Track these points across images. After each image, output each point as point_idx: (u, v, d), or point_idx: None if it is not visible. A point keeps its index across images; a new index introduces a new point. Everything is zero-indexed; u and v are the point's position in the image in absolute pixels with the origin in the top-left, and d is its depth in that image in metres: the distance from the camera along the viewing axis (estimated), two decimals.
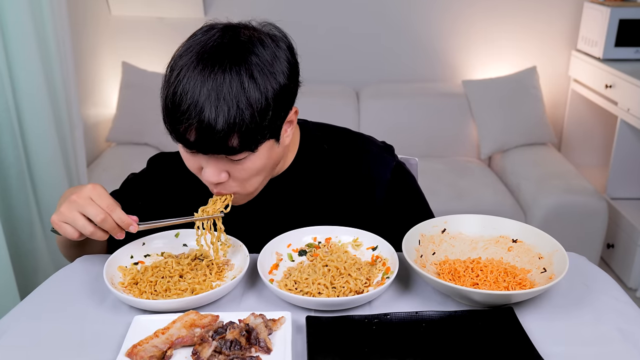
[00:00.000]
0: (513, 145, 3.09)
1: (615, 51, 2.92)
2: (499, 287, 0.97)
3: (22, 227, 2.11)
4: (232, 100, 0.91)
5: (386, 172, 1.18)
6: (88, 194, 0.99)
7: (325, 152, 1.18)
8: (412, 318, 0.91)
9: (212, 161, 0.99)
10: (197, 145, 0.95)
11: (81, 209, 0.97)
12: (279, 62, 0.97)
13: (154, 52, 3.19)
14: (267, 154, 1.02)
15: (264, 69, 0.95)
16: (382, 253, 1.07)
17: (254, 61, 0.94)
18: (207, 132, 0.92)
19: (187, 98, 0.92)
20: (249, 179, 1.03)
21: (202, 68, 0.93)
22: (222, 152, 0.95)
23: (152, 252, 1.10)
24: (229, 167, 1.00)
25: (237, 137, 0.94)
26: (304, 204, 1.17)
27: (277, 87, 0.96)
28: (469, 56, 3.28)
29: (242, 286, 1.03)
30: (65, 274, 1.07)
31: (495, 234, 1.11)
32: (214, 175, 1.00)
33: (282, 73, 0.97)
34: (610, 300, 0.98)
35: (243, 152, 0.97)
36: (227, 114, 0.91)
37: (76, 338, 0.89)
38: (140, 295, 0.98)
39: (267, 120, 0.95)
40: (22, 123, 2.06)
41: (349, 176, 1.18)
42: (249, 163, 1.00)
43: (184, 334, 0.85)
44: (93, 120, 3.07)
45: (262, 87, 0.94)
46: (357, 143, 1.21)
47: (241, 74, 0.92)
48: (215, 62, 0.93)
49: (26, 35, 2.00)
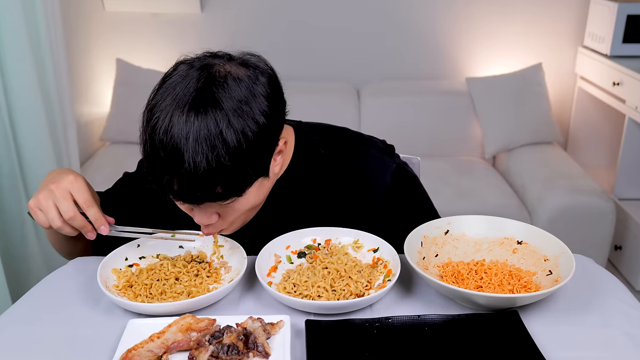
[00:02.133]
0: (518, 145, 3.09)
1: (623, 48, 2.92)
2: (504, 290, 0.97)
3: (13, 229, 2.11)
4: (212, 150, 0.89)
5: (385, 176, 1.17)
6: (67, 186, 1.00)
7: (322, 157, 1.17)
8: (414, 322, 0.91)
9: (199, 211, 0.99)
10: (182, 196, 0.93)
11: (56, 201, 0.99)
12: (256, 102, 0.94)
13: (149, 49, 3.19)
14: (256, 192, 1.01)
15: (242, 113, 0.92)
16: (383, 255, 1.07)
17: (229, 106, 0.91)
18: (190, 183, 0.91)
19: (167, 149, 0.90)
20: (240, 217, 1.03)
21: (179, 117, 0.90)
22: (209, 199, 0.94)
23: (147, 254, 1.10)
24: (219, 209, 1.00)
25: (221, 186, 0.92)
26: (300, 211, 1.17)
27: (256, 129, 0.93)
28: (472, 53, 3.28)
29: (239, 289, 1.03)
30: (58, 277, 1.07)
31: (499, 235, 1.11)
32: (204, 219, 1.00)
33: (260, 113, 0.94)
34: (617, 304, 0.98)
35: (230, 197, 0.96)
36: (207, 164, 0.89)
37: (69, 342, 0.89)
38: (135, 299, 0.98)
39: (249, 164, 0.94)
40: (14, 122, 2.06)
41: (346, 181, 1.17)
42: (238, 205, 0.99)
43: (180, 338, 0.85)
44: (86, 119, 3.07)
45: (239, 132, 0.91)
46: (355, 146, 1.20)
47: (218, 121, 0.90)
48: (191, 109, 0.90)
49: (17, 31, 1.99)
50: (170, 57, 3.53)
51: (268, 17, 3.14)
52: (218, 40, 3.20)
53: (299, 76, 3.26)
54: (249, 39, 3.19)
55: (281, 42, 3.19)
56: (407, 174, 1.21)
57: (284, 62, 3.24)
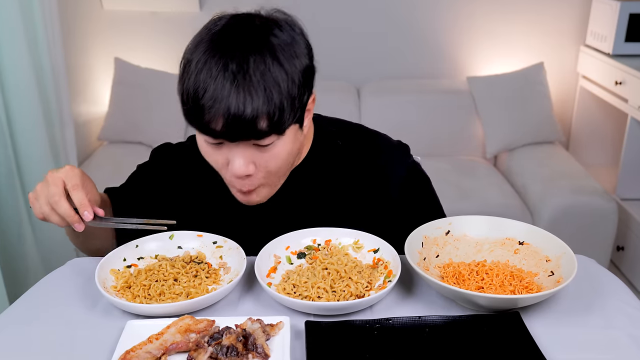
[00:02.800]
0: (519, 144, 3.09)
1: (626, 46, 2.92)
2: (505, 291, 0.97)
3: (11, 229, 2.11)
4: (259, 83, 0.94)
5: (401, 168, 1.20)
6: (61, 175, 1.01)
7: (339, 148, 1.20)
8: (415, 323, 0.91)
9: (239, 152, 1.00)
10: (225, 133, 0.96)
11: (47, 186, 1.00)
12: (298, 44, 1.00)
13: (147, 48, 3.19)
14: (292, 140, 1.04)
15: (286, 50, 0.97)
16: (383, 256, 1.07)
17: (275, 42, 0.97)
18: (234, 118, 0.94)
19: (211, 87, 0.94)
20: (275, 168, 1.04)
21: (222, 55, 0.95)
22: (251, 136, 0.97)
23: (145, 255, 1.10)
24: (257, 156, 1.01)
25: (265, 120, 0.95)
26: (317, 199, 1.18)
27: (300, 68, 0.99)
28: (474, 52, 3.28)
29: (239, 290, 1.03)
30: (56, 277, 1.07)
31: (501, 235, 1.11)
32: (242, 167, 1.00)
33: (303, 54, 1.00)
34: (620, 305, 0.98)
35: (271, 136, 0.98)
36: (255, 96, 0.93)
37: (67, 344, 0.89)
38: (134, 300, 0.98)
39: (293, 100, 0.98)
40: (11, 121, 2.06)
41: (363, 172, 1.19)
42: (276, 149, 1.01)
43: (179, 340, 0.85)
44: (84, 118, 3.07)
45: (286, 67, 0.96)
46: (372, 140, 1.23)
47: (264, 56, 0.95)
48: (235, 48, 0.95)
49: (14, 30, 1.99)
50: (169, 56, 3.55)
51: None
52: None
53: None
54: None
55: None
56: (421, 172, 1.24)
57: None
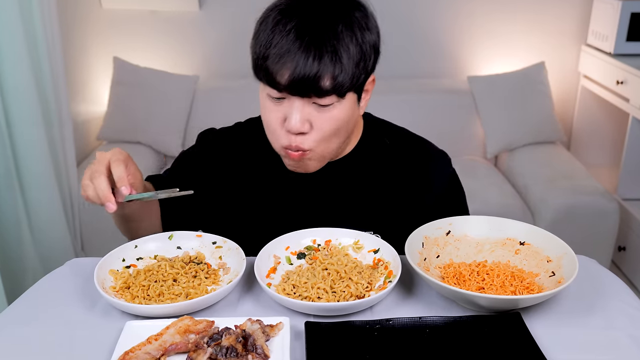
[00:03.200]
0: (520, 144, 3.09)
1: (627, 46, 2.92)
2: (506, 292, 0.97)
3: (9, 229, 2.11)
4: (329, 44, 1.00)
5: (444, 177, 1.23)
6: (109, 155, 1.03)
7: (387, 146, 1.23)
8: (415, 324, 0.91)
9: (298, 107, 1.04)
10: (289, 87, 1.01)
11: (92, 165, 1.02)
12: (370, 21, 1.07)
13: (146, 47, 3.19)
14: (349, 109, 1.08)
15: (360, 21, 1.04)
16: (384, 256, 1.07)
17: (351, 12, 1.04)
18: (300, 72, 0.99)
19: (282, 42, 1.00)
20: (329, 132, 1.08)
21: (298, 15, 1.01)
22: (313, 92, 1.01)
23: (144, 255, 1.10)
24: (314, 116, 1.06)
25: (329, 79, 1.01)
26: (357, 192, 1.21)
27: (370, 42, 1.06)
28: (474, 51, 3.28)
29: (238, 290, 1.03)
30: (55, 278, 1.07)
31: (501, 236, 1.11)
32: (298, 122, 1.04)
33: (374, 31, 1.08)
34: (621, 305, 0.98)
35: (332, 96, 1.03)
36: (323, 55, 0.99)
37: (66, 344, 0.89)
38: (133, 300, 0.98)
39: (358, 66, 1.03)
40: (9, 121, 2.06)
41: (406, 174, 1.21)
42: (334, 111, 1.06)
43: (178, 341, 0.85)
44: (83, 118, 3.07)
45: (358, 36, 1.03)
46: (419, 144, 1.26)
47: (339, 20, 1.01)
48: (312, 10, 1.02)
49: (13, 29, 2.00)
50: (168, 55, 3.55)
51: None
52: (216, 38, 3.21)
53: None
54: (247, 37, 3.19)
55: None
56: (459, 183, 1.27)
57: None
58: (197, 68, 3.23)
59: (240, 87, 3.12)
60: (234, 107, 2.43)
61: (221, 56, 3.22)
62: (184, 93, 3.05)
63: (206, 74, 3.22)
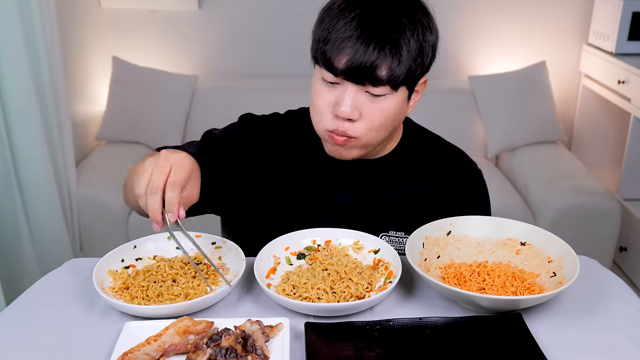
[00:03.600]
0: (521, 144, 3.09)
1: (628, 45, 2.92)
2: (507, 292, 0.97)
3: (7, 229, 2.11)
4: (391, 36, 1.02)
5: (475, 185, 1.26)
6: (171, 162, 0.95)
7: (424, 151, 1.26)
8: (415, 324, 0.91)
9: (351, 94, 1.06)
10: (345, 72, 1.03)
11: (153, 170, 0.94)
12: (433, 24, 1.10)
13: (145, 47, 3.19)
14: (398, 104, 1.09)
15: (424, 21, 1.07)
16: (384, 256, 1.07)
17: (417, 10, 1.07)
18: (358, 59, 1.01)
19: (346, 28, 1.03)
20: (377, 123, 1.09)
21: (364, 5, 1.04)
22: (369, 79, 1.03)
23: (143, 256, 1.10)
24: (365, 105, 1.07)
25: (386, 69, 1.03)
26: (392, 192, 1.22)
27: (431, 41, 1.09)
28: (475, 51, 3.28)
29: (238, 291, 1.03)
30: (53, 278, 1.07)
31: (502, 236, 1.11)
32: (348, 107, 1.06)
33: (435, 34, 1.11)
34: (623, 306, 0.98)
35: (386, 86, 1.05)
36: (384, 46, 1.02)
37: (64, 345, 0.89)
38: (132, 301, 0.98)
39: (415, 62, 1.06)
40: (8, 121, 2.06)
41: (440, 178, 1.24)
42: (385, 103, 1.07)
43: (177, 341, 0.85)
44: (82, 118, 3.07)
45: (419, 33, 1.06)
46: (455, 150, 1.30)
47: (404, 16, 1.04)
48: (379, 2, 1.04)
49: (12, 28, 2.00)
50: (168, 55, 3.55)
51: (266, 14, 3.14)
52: (216, 38, 3.21)
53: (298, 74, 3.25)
54: (246, 36, 3.19)
55: (280, 39, 3.19)
56: (487, 191, 1.29)
57: (283, 59, 3.24)
58: (197, 67, 3.23)
59: (240, 86, 3.12)
60: (233, 107, 2.42)
61: (220, 56, 3.22)
62: (183, 92, 3.05)
63: (205, 74, 3.22)
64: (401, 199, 1.22)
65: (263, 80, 3.19)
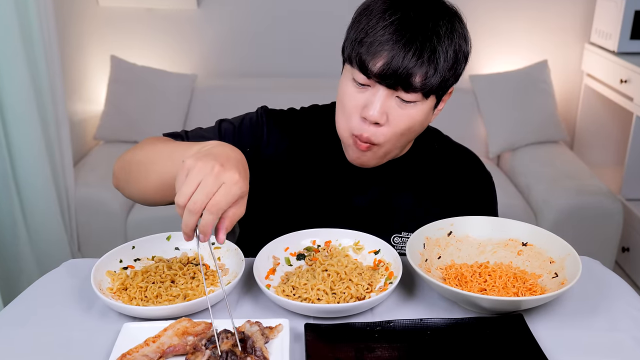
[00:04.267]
0: (523, 144, 3.09)
1: (631, 44, 2.92)
2: (508, 293, 0.97)
3: (5, 230, 2.11)
4: (431, 42, 1.02)
5: (485, 185, 1.28)
6: (223, 180, 0.85)
7: (436, 151, 1.27)
8: (416, 326, 0.91)
9: (381, 97, 1.06)
10: (379, 75, 1.03)
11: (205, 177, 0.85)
12: (467, 35, 1.11)
13: (144, 45, 3.19)
14: (425, 113, 1.09)
15: (460, 32, 1.08)
16: (384, 257, 1.07)
17: (455, 20, 1.07)
18: (394, 64, 1.01)
19: (384, 32, 1.02)
20: (403, 129, 1.09)
21: (403, 10, 1.03)
22: (402, 85, 1.03)
23: (142, 256, 1.10)
24: (393, 111, 1.07)
25: (420, 77, 1.03)
26: (406, 193, 1.23)
27: (465, 50, 1.09)
28: (476, 50, 3.24)
29: (237, 292, 1.03)
30: (51, 279, 1.07)
31: (504, 236, 1.11)
32: (377, 111, 1.05)
33: (469, 44, 1.11)
34: (625, 307, 0.98)
35: (417, 93, 1.05)
36: (422, 53, 1.02)
37: (62, 346, 0.89)
38: (130, 302, 0.98)
39: (449, 71, 1.06)
40: (5, 120, 2.06)
41: (451, 179, 1.25)
42: (414, 110, 1.07)
43: (176, 343, 0.85)
44: (80, 117, 3.07)
45: (456, 44, 1.06)
46: (465, 151, 1.31)
47: (443, 24, 1.04)
48: (418, 8, 1.04)
49: (9, 27, 2.00)
50: (166, 53, 3.54)
51: (265, 13, 3.14)
52: (215, 36, 3.21)
53: (297, 73, 3.26)
54: (246, 35, 3.19)
55: (279, 38, 3.19)
56: (495, 191, 1.31)
57: (282, 58, 3.24)
58: (195, 66, 3.23)
59: (239, 85, 3.12)
60: (232, 106, 2.43)
61: (219, 54, 3.22)
62: (182, 91, 3.05)
63: (204, 73, 3.23)
64: (415, 200, 1.23)
65: (262, 79, 3.19)
